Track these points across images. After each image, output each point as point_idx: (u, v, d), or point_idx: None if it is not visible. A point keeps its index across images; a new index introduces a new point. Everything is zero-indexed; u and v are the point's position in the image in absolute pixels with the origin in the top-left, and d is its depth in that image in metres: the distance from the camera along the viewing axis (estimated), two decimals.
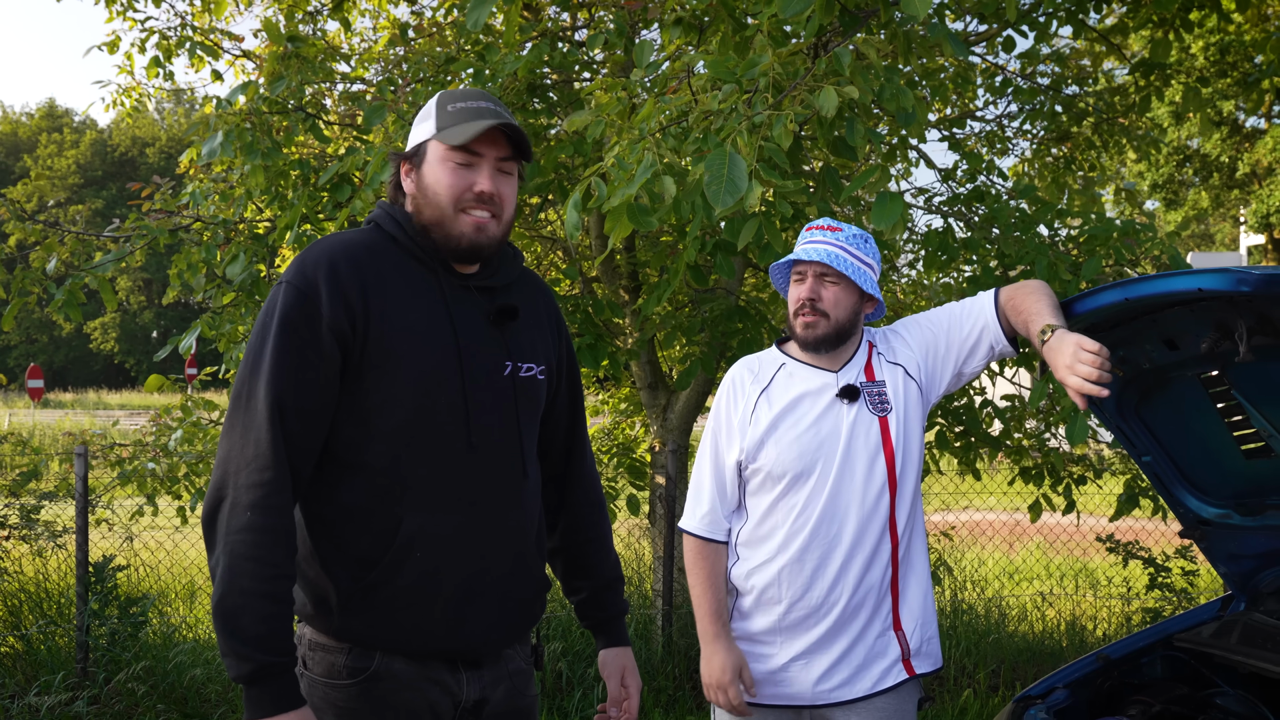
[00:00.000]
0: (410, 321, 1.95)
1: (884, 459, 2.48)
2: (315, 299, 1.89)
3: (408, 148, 2.05)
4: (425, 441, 1.94)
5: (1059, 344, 2.30)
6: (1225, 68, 11.24)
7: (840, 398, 2.50)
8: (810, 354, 2.57)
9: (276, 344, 1.87)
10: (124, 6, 6.37)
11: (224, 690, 5.17)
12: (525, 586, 2.09)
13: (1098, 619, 6.53)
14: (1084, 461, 5.71)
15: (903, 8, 3.01)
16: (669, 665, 5.46)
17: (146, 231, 5.04)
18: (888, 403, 2.52)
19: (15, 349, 48.96)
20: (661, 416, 5.92)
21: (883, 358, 2.59)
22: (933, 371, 2.61)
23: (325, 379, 1.89)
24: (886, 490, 2.48)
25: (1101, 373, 2.21)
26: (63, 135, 55.53)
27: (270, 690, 1.80)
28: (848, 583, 2.46)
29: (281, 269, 6.41)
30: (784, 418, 2.51)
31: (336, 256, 1.94)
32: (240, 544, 1.80)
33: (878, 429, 2.49)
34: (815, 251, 2.51)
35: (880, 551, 2.48)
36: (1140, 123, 6.68)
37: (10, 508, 5.85)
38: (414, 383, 1.93)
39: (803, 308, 2.52)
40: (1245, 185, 21.12)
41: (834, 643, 2.48)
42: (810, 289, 2.51)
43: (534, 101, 4.84)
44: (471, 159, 1.99)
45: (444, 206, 1.99)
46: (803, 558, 2.46)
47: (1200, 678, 2.97)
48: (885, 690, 2.50)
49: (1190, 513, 2.97)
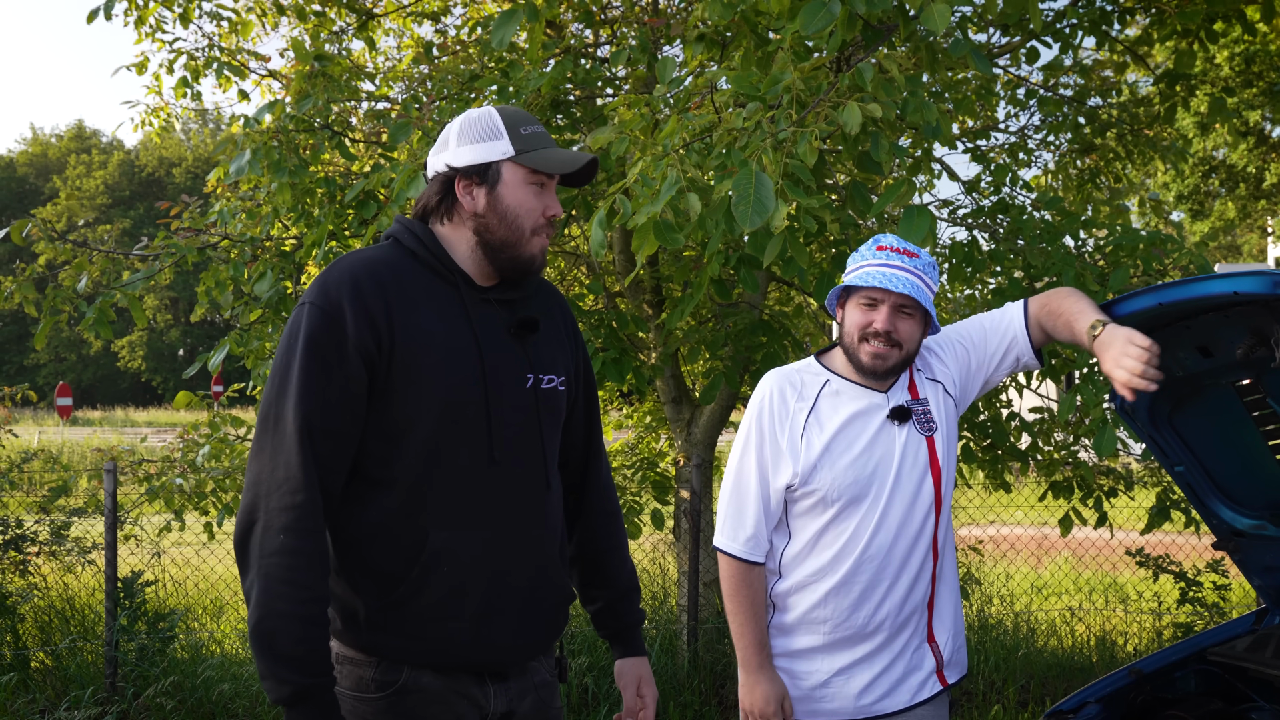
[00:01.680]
0: (434, 337, 1.96)
1: (931, 479, 2.45)
2: (340, 320, 1.89)
3: (462, 164, 2.02)
4: (450, 456, 1.95)
5: (1109, 338, 2.28)
6: (1251, 77, 11.16)
7: (891, 419, 2.44)
8: (863, 376, 2.47)
9: (303, 366, 1.87)
10: (153, 28, 6.46)
11: (251, 705, 5.20)
12: (550, 598, 2.10)
13: (1128, 634, 6.46)
14: (1113, 474, 5.66)
15: (923, 22, 3.01)
16: (695, 680, 5.44)
17: (175, 250, 5.10)
18: (933, 422, 2.48)
19: (44, 367, 49.49)
20: (686, 431, 5.92)
21: (922, 375, 2.54)
22: (965, 387, 2.59)
23: (353, 399, 1.90)
24: (933, 510, 2.45)
25: (1149, 368, 2.19)
26: (91, 156, 56.26)
27: (310, 711, 1.81)
28: (894, 603, 2.43)
29: (308, 286, 6.46)
30: (837, 440, 2.42)
31: (359, 275, 1.94)
32: (275, 567, 1.81)
33: (926, 450, 2.45)
34: (900, 281, 2.37)
35: (924, 570, 2.46)
36: (1165, 133, 6.64)
37: (40, 524, 5.91)
38: (440, 398, 1.94)
39: (876, 336, 2.40)
40: (1272, 196, 20.92)
41: (876, 659, 2.45)
42: (888, 321, 2.39)
43: (557, 117, 4.88)
44: (545, 182, 2.04)
45: (523, 229, 2.02)
46: (851, 580, 2.42)
47: (1234, 692, 2.93)
48: (924, 701, 2.48)
49: (1224, 524, 2.93)
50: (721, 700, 5.43)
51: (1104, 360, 2.28)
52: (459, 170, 2.02)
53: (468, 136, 2.03)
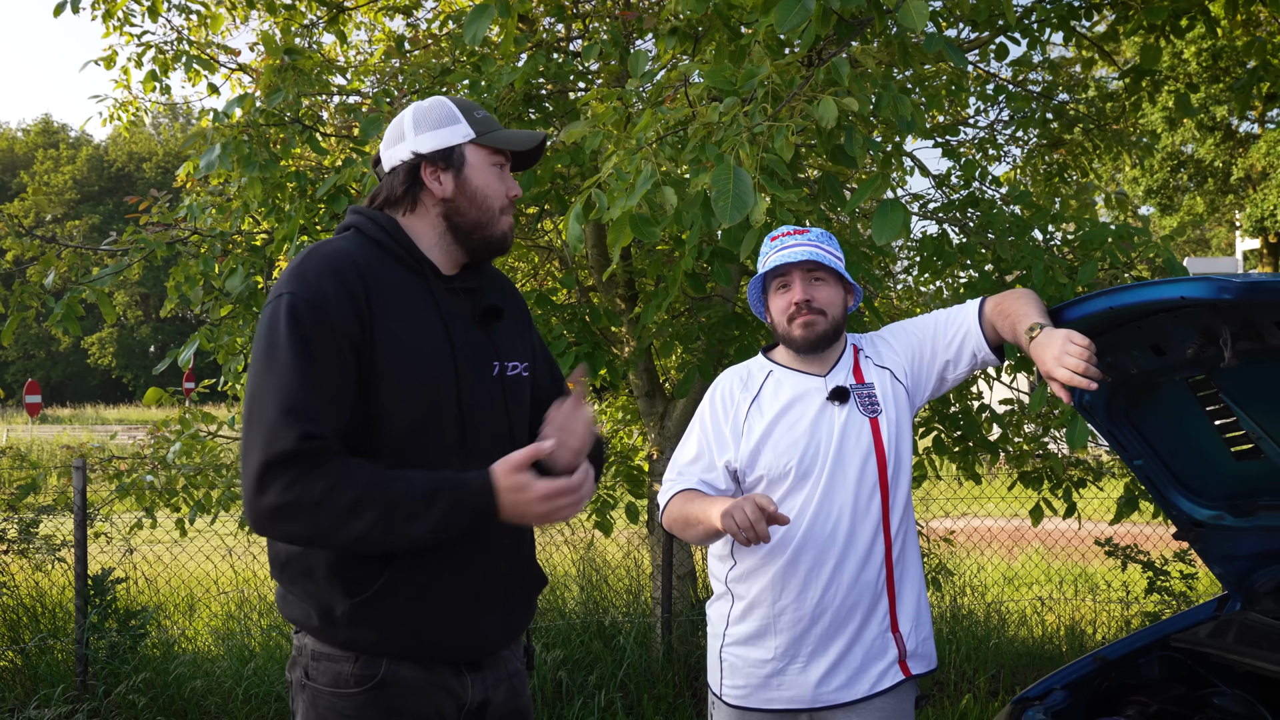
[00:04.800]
0: (408, 327, 1.96)
1: (875, 460, 2.50)
2: (325, 308, 1.87)
3: (428, 150, 2.04)
4: (424, 447, 1.95)
5: (1047, 339, 2.33)
6: (1218, 73, 11.29)
7: (831, 400, 2.53)
8: (800, 358, 2.59)
9: (292, 355, 1.83)
10: (121, 21, 6.40)
11: (224, 702, 5.17)
12: (523, 586, 2.12)
13: (1097, 623, 6.54)
14: (1083, 465, 5.73)
15: (900, 19, 3.02)
16: (669, 673, 5.47)
17: (144, 245, 5.05)
18: (878, 404, 2.54)
19: (13, 365, 48.91)
20: (659, 424, 5.94)
21: (870, 360, 2.62)
22: (917, 376, 2.64)
23: (343, 389, 1.88)
24: (878, 491, 2.50)
25: (1089, 366, 2.23)
26: (59, 151, 55.58)
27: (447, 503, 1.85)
28: (842, 584, 2.47)
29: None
30: (778, 424, 2.53)
31: (338, 264, 1.93)
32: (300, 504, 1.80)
33: (869, 430, 2.51)
34: (798, 254, 2.53)
35: (874, 553, 2.49)
36: (1133, 128, 6.71)
37: (9, 522, 5.85)
38: (416, 388, 1.94)
39: (800, 310, 2.53)
40: (1240, 190, 21.20)
41: (830, 644, 2.49)
42: (803, 290, 2.54)
43: (529, 112, 4.87)
44: (503, 164, 2.08)
45: (492, 209, 2.06)
46: (797, 559, 2.47)
47: (1197, 677, 2.98)
48: (884, 691, 2.51)
49: (1184, 515, 2.99)
50: (695, 692, 5.46)
51: (1043, 361, 2.31)
52: (424, 156, 2.04)
53: (425, 124, 2.05)
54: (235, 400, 6.08)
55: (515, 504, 1.89)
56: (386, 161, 2.09)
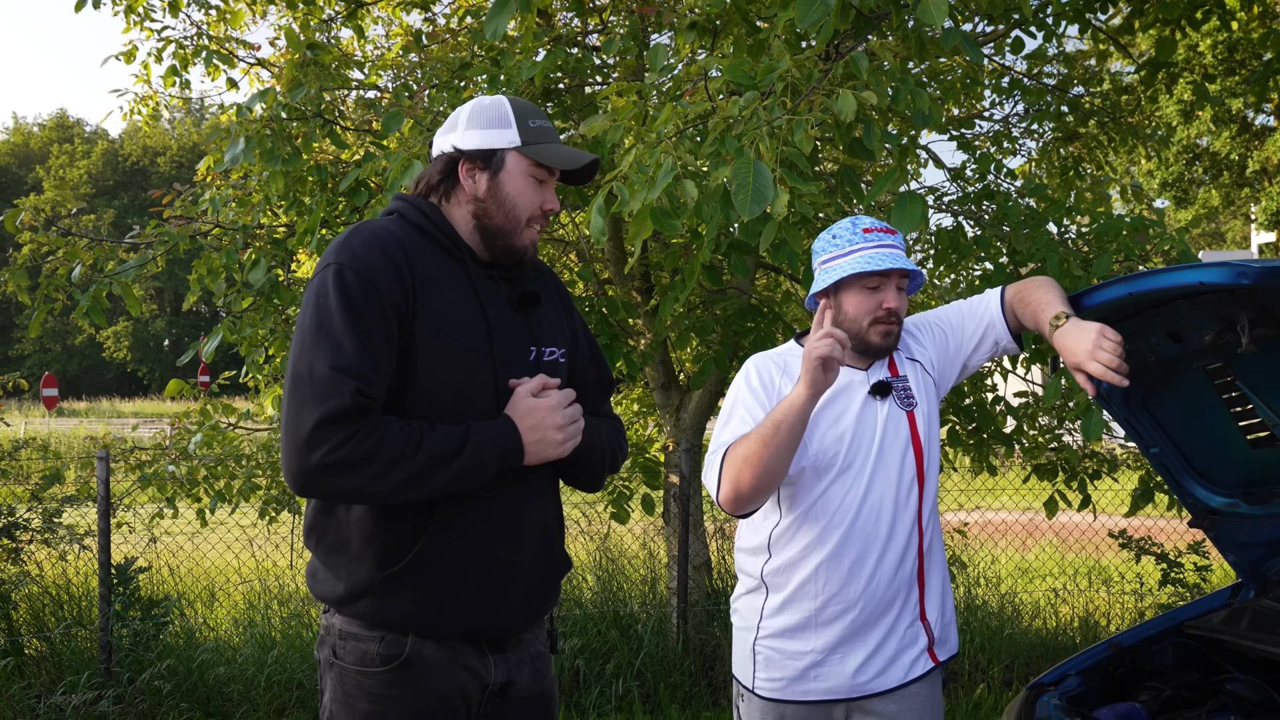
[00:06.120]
0: (448, 308, 2.00)
1: (913, 453, 2.52)
2: (374, 279, 1.92)
3: (469, 147, 2.08)
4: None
5: (1075, 330, 2.35)
6: (1234, 65, 11.24)
7: (873, 394, 2.52)
8: (847, 353, 2.50)
9: (341, 321, 1.88)
10: (141, 16, 6.47)
11: (246, 689, 5.24)
12: (549, 568, 2.16)
13: (1110, 615, 6.56)
14: (1097, 457, 5.74)
15: (919, 15, 3.05)
16: (685, 662, 5.51)
17: (167, 238, 5.12)
18: (913, 398, 2.56)
19: (29, 358, 49.23)
20: (675, 416, 5.98)
21: (901, 354, 2.62)
22: (944, 368, 2.67)
23: (388, 359, 1.92)
24: (916, 484, 2.52)
25: (1122, 362, 2.27)
26: (74, 145, 55.90)
27: (474, 445, 1.94)
28: (883, 576, 2.48)
29: (299, 273, 6.48)
30: (823, 414, 2.49)
31: (384, 239, 1.98)
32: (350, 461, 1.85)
33: (906, 424, 2.53)
34: (898, 259, 2.47)
35: (910, 544, 2.52)
36: (1148, 121, 6.71)
37: (33, 512, 5.94)
38: (453, 369, 1.99)
39: (888, 317, 2.49)
40: (1255, 183, 21.07)
41: (868, 635, 2.50)
42: (897, 300, 2.49)
43: (548, 106, 4.91)
44: (546, 178, 2.10)
45: (519, 218, 2.08)
46: (841, 551, 2.47)
47: (1211, 664, 3.01)
48: (918, 679, 2.54)
49: (1199, 502, 3.01)
50: (711, 681, 5.51)
51: (1073, 353, 2.33)
52: (464, 153, 2.08)
53: (477, 121, 2.09)
54: (256, 392, 6.15)
55: (535, 428, 2.00)
56: (435, 147, 2.13)
